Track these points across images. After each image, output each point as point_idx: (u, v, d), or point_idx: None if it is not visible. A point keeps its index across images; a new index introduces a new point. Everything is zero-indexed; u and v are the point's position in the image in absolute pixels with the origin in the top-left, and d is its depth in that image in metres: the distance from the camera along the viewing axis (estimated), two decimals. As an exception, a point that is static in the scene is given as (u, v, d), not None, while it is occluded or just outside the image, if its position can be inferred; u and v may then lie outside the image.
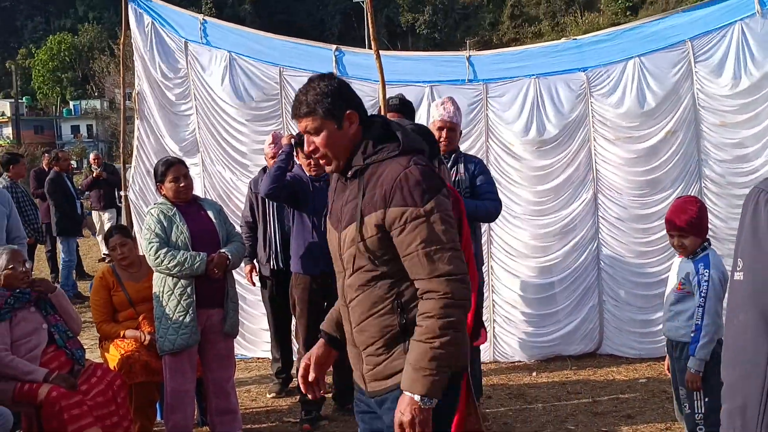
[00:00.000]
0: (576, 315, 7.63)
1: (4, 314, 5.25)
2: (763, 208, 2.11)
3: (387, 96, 6.27)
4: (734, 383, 2.16)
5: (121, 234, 6.28)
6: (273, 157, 6.63)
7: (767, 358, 2.08)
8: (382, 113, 5.49)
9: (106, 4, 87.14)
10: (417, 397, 2.91)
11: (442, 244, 2.97)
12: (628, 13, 68.01)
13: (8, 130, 65.40)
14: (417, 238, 2.97)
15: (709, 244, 4.65)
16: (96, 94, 69.44)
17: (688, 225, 4.56)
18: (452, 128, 5.92)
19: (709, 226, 4.92)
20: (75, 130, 74.97)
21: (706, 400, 4.51)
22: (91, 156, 15.54)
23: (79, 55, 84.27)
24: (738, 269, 2.17)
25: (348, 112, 3.10)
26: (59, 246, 12.60)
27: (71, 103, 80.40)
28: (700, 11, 7.55)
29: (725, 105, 7.40)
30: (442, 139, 5.82)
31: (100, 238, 14.32)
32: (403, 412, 2.93)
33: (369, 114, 3.22)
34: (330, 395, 6.60)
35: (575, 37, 8.00)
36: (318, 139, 3.13)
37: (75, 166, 14.55)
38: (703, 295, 4.47)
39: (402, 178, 2.99)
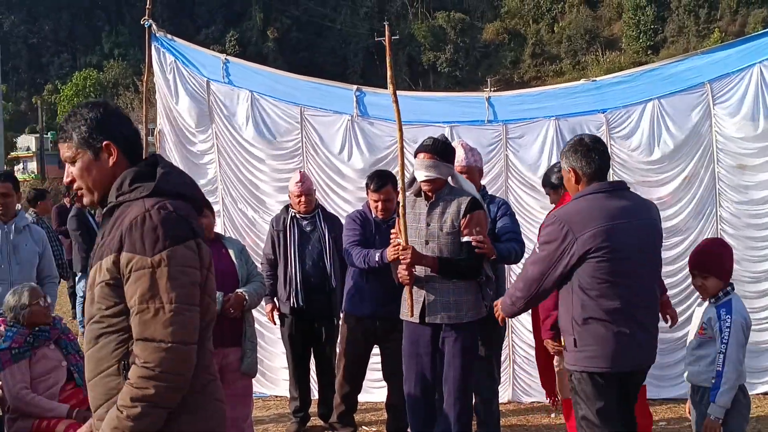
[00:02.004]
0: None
1: (24, 352, 5.32)
2: None
3: (391, 137, 6.30)
4: None
5: None
6: (298, 196, 6.71)
7: None
8: (399, 155, 5.46)
9: (132, 41, 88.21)
10: None
11: (162, 304, 2.65)
12: (649, 53, 68.18)
13: (33, 165, 66.04)
14: (137, 291, 2.67)
15: (733, 289, 4.64)
16: (120, 130, 70.17)
17: (708, 266, 4.56)
18: (466, 172, 5.93)
19: (727, 269, 4.89)
20: (98, 165, 75.65)
21: None
22: None
23: (104, 91, 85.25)
24: None
25: (105, 143, 2.88)
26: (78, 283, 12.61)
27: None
28: (719, 53, 7.62)
29: (743, 147, 7.43)
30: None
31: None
32: None
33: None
34: None
35: (594, 79, 8.05)
36: (74, 169, 2.92)
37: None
38: (724, 341, 4.44)
39: (138, 221, 2.71)
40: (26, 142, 75.63)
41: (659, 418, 6.99)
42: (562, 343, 4.53)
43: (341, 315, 6.46)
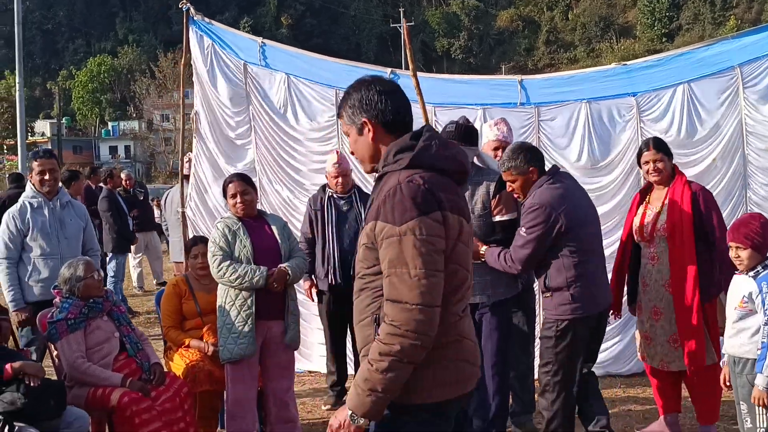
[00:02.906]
0: (625, 335, 7.73)
1: (79, 323, 5.50)
2: None
3: (434, 119, 6.41)
4: None
5: (205, 244, 6.38)
6: (336, 176, 6.87)
7: None
8: None
9: (147, 27, 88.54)
10: (349, 411, 2.98)
11: (408, 269, 2.90)
12: (664, 40, 67.99)
13: (48, 150, 66.43)
14: (387, 256, 2.95)
15: None
16: (135, 115, 70.44)
17: (746, 238, 4.69)
18: (507, 147, 6.10)
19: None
20: (113, 150, 76.06)
21: None
22: (123, 175, 14.48)
23: (119, 77, 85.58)
24: None
25: (363, 120, 3.15)
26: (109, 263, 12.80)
27: (110, 124, 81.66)
28: (749, 38, 7.69)
29: (772, 131, 7.55)
30: (497, 159, 6.02)
31: (138, 260, 14.51)
32: (336, 416, 3.06)
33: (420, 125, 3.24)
34: None
35: (625, 63, 8.16)
36: (350, 141, 3.31)
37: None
38: (767, 313, 4.57)
39: (392, 192, 2.98)
40: (41, 127, 76.05)
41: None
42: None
43: None
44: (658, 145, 5.97)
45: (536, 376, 7.65)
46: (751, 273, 4.71)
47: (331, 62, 8.40)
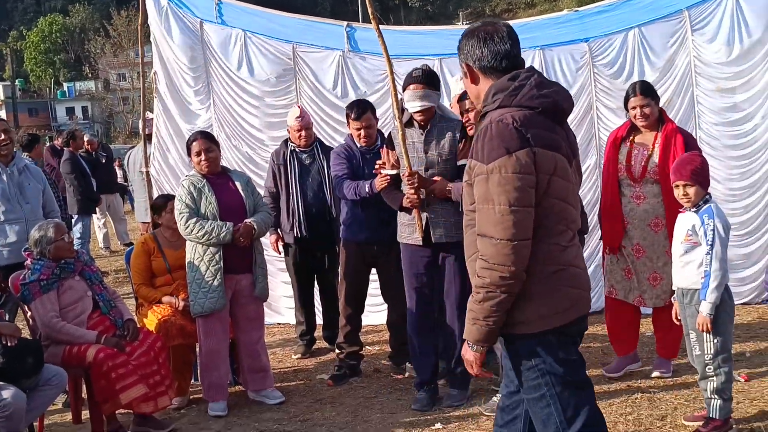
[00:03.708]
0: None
1: (51, 284, 5.60)
2: None
3: (381, 71, 6.48)
4: None
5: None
6: (299, 130, 6.98)
7: None
8: (391, 87, 5.72)
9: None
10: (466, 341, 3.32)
11: (493, 205, 3.09)
12: (620, -18, 67.92)
13: (2, 113, 65.42)
14: (477, 193, 3.17)
15: (711, 197, 4.97)
16: (90, 75, 69.40)
17: (693, 174, 4.86)
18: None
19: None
20: (70, 111, 74.98)
21: (716, 341, 4.88)
22: (86, 138, 14.03)
23: (72, 37, 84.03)
24: None
25: (465, 64, 3.40)
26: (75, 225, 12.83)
27: (65, 85, 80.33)
28: (696, -19, 7.87)
29: (720, 71, 7.80)
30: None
31: (103, 221, 14.53)
32: (465, 347, 3.37)
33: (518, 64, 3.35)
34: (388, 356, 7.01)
35: (577, 9, 8.31)
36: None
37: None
38: (710, 243, 4.80)
39: (483, 131, 3.17)
40: (-7, 90, 74.52)
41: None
42: None
43: (340, 242, 6.75)
44: (645, 90, 6.02)
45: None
46: (694, 208, 4.94)
47: (288, 17, 8.47)
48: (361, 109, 6.46)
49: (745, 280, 7.90)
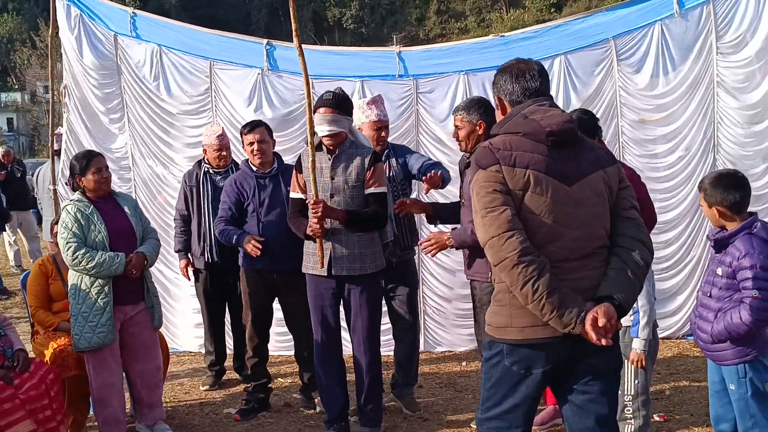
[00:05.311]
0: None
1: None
2: None
3: (312, 91, 6.27)
4: None
5: None
6: (219, 149, 6.72)
7: None
8: (308, 109, 5.48)
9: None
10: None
11: (477, 215, 3.43)
12: (552, 11, 69.01)
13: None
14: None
15: None
16: (17, 86, 67.83)
17: None
18: (387, 126, 6.09)
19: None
20: (-6, 122, 73.18)
21: (636, 381, 4.76)
22: (0, 151, 13.78)
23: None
24: None
25: (497, 97, 3.72)
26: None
27: (-10, 96, 78.41)
28: (622, 10, 7.82)
29: (645, 103, 7.72)
30: (380, 138, 6.03)
31: (14, 238, 13.92)
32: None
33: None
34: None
35: (503, 34, 8.18)
36: None
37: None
38: None
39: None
40: None
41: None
42: None
43: (241, 270, 6.46)
44: None
45: (422, 348, 7.73)
46: None
47: (205, 33, 8.16)
48: (255, 123, 6.35)
49: (666, 314, 7.79)
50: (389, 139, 6.36)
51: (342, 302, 5.62)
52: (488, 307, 3.65)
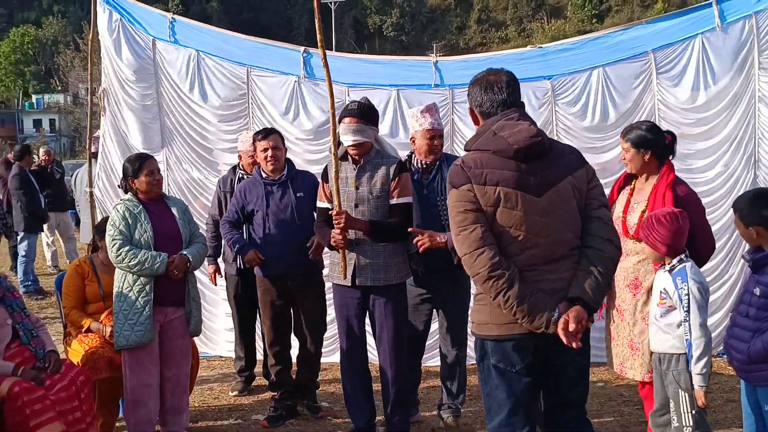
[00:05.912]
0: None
1: (-33, 311, 5.25)
2: None
3: (337, 99, 6.25)
4: None
5: None
6: (252, 156, 6.69)
7: None
8: (332, 119, 5.46)
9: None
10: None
11: (453, 232, 3.70)
12: (594, 21, 68.74)
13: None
14: None
15: (687, 257, 4.63)
16: (60, 88, 68.67)
17: (660, 243, 4.60)
18: (441, 135, 5.98)
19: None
20: (37, 124, 74.28)
21: (693, 412, 4.56)
22: (42, 151, 14.00)
23: (43, 49, 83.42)
24: None
25: (470, 108, 4.00)
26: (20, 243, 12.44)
27: (34, 97, 79.60)
28: (662, 23, 7.72)
29: (684, 117, 7.59)
30: (433, 147, 5.85)
31: (52, 239, 14.06)
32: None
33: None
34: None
35: (541, 45, 8.11)
36: None
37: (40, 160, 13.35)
38: (685, 308, 4.48)
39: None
40: (-37, 100, 73.67)
41: (597, 379, 7.17)
42: None
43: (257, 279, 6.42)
44: (627, 132, 5.33)
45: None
46: (668, 267, 4.64)
47: (243, 39, 8.19)
48: (269, 131, 6.37)
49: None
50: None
51: (368, 312, 5.59)
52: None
